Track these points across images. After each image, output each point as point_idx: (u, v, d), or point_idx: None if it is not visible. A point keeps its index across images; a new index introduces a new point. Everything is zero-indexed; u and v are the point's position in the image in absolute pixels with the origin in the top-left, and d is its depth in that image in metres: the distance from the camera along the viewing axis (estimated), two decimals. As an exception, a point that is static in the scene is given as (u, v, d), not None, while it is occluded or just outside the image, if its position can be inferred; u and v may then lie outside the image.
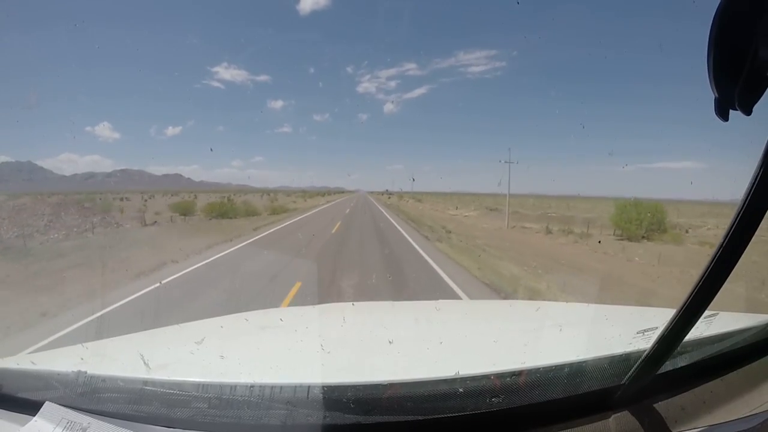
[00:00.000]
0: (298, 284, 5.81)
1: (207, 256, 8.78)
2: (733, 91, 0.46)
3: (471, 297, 5.38)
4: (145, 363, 0.80)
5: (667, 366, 0.73)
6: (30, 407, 0.71)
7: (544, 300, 5.23)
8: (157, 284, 6.17)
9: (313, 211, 26.68)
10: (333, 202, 41.96)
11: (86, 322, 4.45)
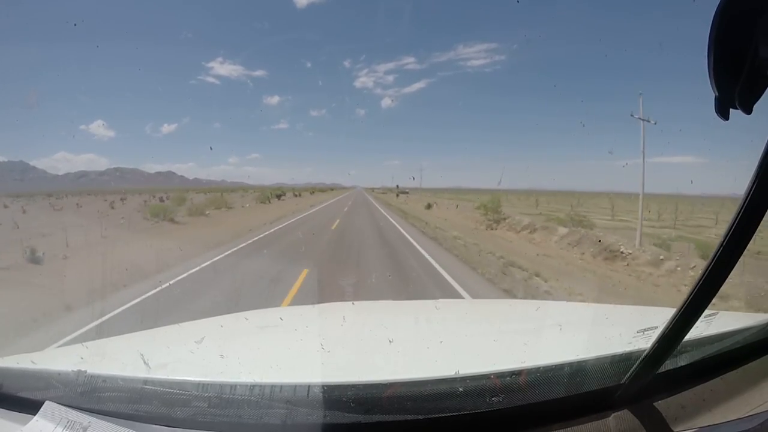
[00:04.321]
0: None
1: None
2: (734, 90, 0.46)
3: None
4: (145, 362, 0.80)
5: (668, 365, 0.73)
6: (31, 407, 0.71)
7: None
8: None
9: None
10: (274, 229, 12.53)
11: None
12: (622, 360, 0.75)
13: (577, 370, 0.76)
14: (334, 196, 48.72)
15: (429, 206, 26.06)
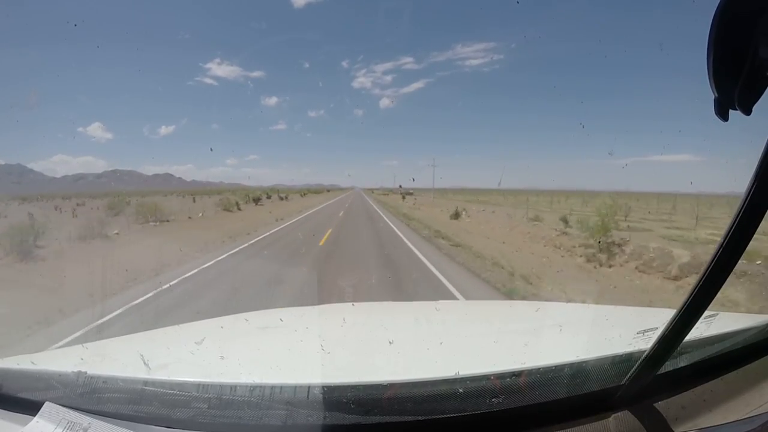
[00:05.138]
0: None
1: None
2: (733, 91, 0.46)
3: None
4: (145, 363, 0.80)
5: (668, 366, 0.73)
6: (30, 407, 0.71)
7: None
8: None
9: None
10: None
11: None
12: (623, 361, 0.75)
13: (577, 371, 0.76)
14: (328, 199, 38.43)
15: (456, 215, 17.42)
